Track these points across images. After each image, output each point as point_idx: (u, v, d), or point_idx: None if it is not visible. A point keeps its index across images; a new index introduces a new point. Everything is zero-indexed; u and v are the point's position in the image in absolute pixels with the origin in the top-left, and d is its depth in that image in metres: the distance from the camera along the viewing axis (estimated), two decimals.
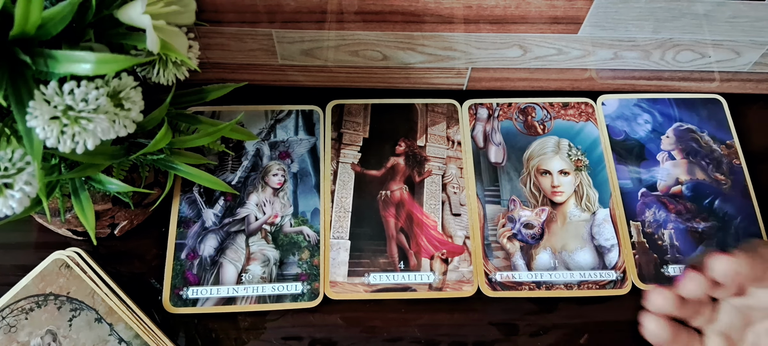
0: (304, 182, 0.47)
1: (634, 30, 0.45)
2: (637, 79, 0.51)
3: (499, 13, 0.43)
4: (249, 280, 0.43)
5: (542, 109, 0.51)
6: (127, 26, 0.30)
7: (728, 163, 0.49)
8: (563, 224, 0.46)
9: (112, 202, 0.42)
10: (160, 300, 0.43)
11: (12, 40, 0.26)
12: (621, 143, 0.49)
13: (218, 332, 0.43)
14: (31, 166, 0.29)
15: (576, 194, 0.47)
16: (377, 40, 0.46)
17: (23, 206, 0.28)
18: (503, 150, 0.49)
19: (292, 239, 0.45)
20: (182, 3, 0.33)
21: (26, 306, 0.40)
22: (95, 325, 0.40)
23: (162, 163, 0.38)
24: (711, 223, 0.46)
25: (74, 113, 0.27)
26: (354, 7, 0.42)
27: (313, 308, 0.43)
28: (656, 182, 0.48)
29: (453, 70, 0.49)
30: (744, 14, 0.43)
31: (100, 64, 0.26)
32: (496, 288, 0.44)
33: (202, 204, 0.46)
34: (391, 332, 0.43)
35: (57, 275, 0.41)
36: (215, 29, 0.45)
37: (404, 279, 0.44)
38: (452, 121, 0.50)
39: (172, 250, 0.44)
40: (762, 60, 0.49)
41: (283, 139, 0.49)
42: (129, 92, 0.30)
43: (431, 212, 0.46)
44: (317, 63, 0.49)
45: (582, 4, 0.42)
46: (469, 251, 0.45)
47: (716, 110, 0.51)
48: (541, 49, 0.47)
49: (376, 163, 0.48)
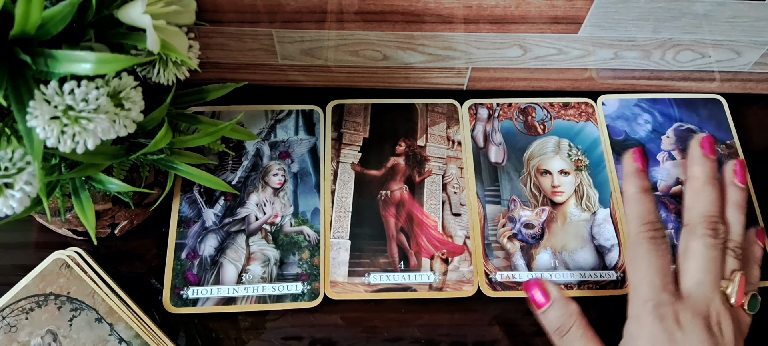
0: (304, 182, 0.47)
1: (634, 30, 0.45)
2: (637, 79, 0.51)
3: (499, 13, 0.43)
4: (249, 280, 0.43)
5: (542, 109, 0.51)
6: (127, 26, 0.30)
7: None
8: (563, 224, 0.46)
9: (112, 202, 0.42)
10: (160, 300, 0.43)
11: (12, 40, 0.26)
12: (621, 143, 0.49)
13: (218, 332, 0.43)
14: (31, 166, 0.29)
15: (576, 194, 0.47)
16: (377, 40, 0.46)
17: (23, 205, 0.28)
18: (503, 150, 0.49)
19: (292, 239, 0.45)
20: (182, 3, 0.33)
21: (26, 306, 0.40)
22: (95, 325, 0.40)
23: (162, 163, 0.38)
24: None
25: (74, 113, 0.27)
26: (354, 7, 0.42)
27: (313, 308, 0.43)
28: (656, 182, 0.48)
29: (453, 70, 0.49)
30: (744, 14, 0.43)
31: (101, 64, 0.26)
32: (496, 288, 0.44)
33: (202, 204, 0.46)
34: (391, 332, 0.43)
35: (57, 275, 0.41)
36: (215, 29, 0.45)
37: (404, 279, 0.44)
38: (452, 121, 0.50)
39: (172, 250, 0.44)
40: (762, 60, 0.49)
41: (283, 139, 0.49)
42: (129, 92, 0.30)
43: (431, 212, 0.46)
44: (317, 63, 0.49)
45: (582, 4, 0.42)
46: (470, 251, 0.45)
47: (716, 110, 0.51)
48: (541, 49, 0.47)
49: (376, 163, 0.48)
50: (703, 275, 0.36)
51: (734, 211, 0.39)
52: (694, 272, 0.37)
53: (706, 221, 0.38)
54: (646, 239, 0.37)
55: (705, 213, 0.38)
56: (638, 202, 0.38)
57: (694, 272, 0.37)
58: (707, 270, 0.36)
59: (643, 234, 0.37)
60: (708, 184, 0.39)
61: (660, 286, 0.36)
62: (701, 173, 0.39)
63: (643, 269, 0.36)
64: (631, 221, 0.38)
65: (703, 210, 0.38)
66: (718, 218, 0.38)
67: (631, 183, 0.39)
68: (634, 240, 0.38)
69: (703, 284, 0.36)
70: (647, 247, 0.37)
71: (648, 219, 0.38)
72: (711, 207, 0.38)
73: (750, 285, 0.39)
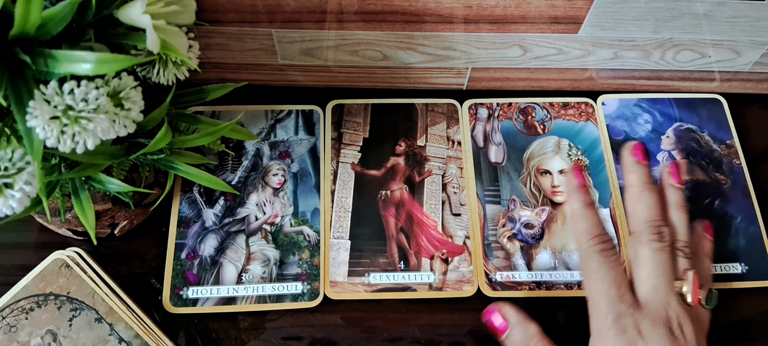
0: (304, 182, 0.47)
1: (634, 30, 0.45)
2: (637, 79, 0.51)
3: (499, 13, 0.43)
4: (249, 280, 0.43)
5: (542, 109, 0.51)
6: (127, 26, 0.30)
7: (728, 163, 0.49)
8: (563, 224, 0.46)
9: (112, 202, 0.42)
10: (160, 300, 0.43)
11: (12, 40, 0.26)
12: (621, 143, 0.49)
13: (218, 331, 0.43)
14: (31, 166, 0.29)
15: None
16: (377, 40, 0.46)
17: (23, 205, 0.28)
18: (503, 150, 0.49)
19: (292, 238, 0.45)
20: (182, 3, 0.33)
21: (26, 306, 0.40)
22: (95, 325, 0.40)
23: (162, 163, 0.38)
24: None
25: (74, 113, 0.27)
26: (354, 7, 0.42)
27: (313, 308, 0.43)
28: (656, 182, 0.48)
29: (453, 70, 0.49)
30: (744, 14, 0.43)
31: (100, 64, 0.26)
32: (496, 288, 0.44)
33: (202, 204, 0.46)
34: (391, 332, 0.43)
35: (57, 275, 0.41)
36: (215, 29, 0.45)
37: (404, 279, 0.44)
38: (452, 121, 0.50)
39: (172, 250, 0.44)
40: (762, 60, 0.49)
41: (283, 139, 0.49)
42: (129, 92, 0.30)
43: (431, 211, 0.46)
44: (317, 63, 0.49)
45: (582, 4, 0.42)
46: (469, 251, 0.45)
47: (716, 110, 0.51)
48: (541, 49, 0.47)
49: (376, 163, 0.48)
50: (657, 280, 0.36)
51: (676, 211, 0.40)
52: (647, 278, 0.37)
53: (650, 226, 0.38)
54: (597, 252, 0.37)
55: (647, 219, 0.38)
56: (583, 217, 0.39)
57: (647, 278, 0.37)
58: (659, 274, 0.37)
59: (593, 248, 0.37)
60: (645, 189, 0.40)
61: (617, 297, 0.36)
62: (637, 180, 0.40)
63: (598, 282, 0.37)
64: (579, 237, 0.39)
65: (645, 216, 0.39)
66: (661, 221, 0.38)
67: (575, 199, 0.40)
68: (584, 255, 0.38)
69: (658, 289, 0.36)
70: (598, 260, 0.37)
71: (595, 233, 0.38)
72: (652, 212, 0.39)
73: (704, 280, 0.39)
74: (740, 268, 0.45)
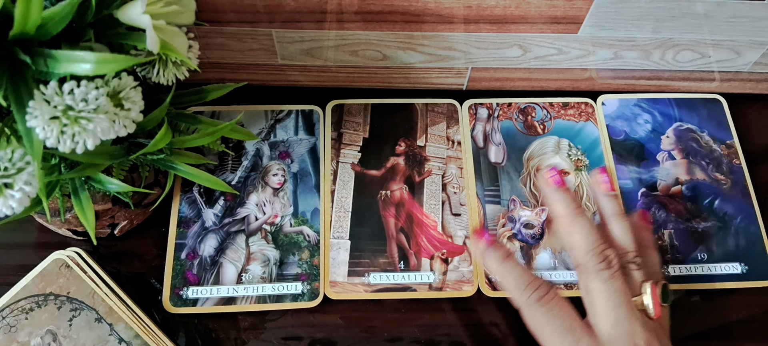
0: (304, 182, 0.47)
1: (634, 30, 0.45)
2: (637, 79, 0.51)
3: (499, 13, 0.43)
4: (249, 280, 0.43)
5: (542, 109, 0.51)
6: (127, 26, 0.30)
7: (728, 163, 0.49)
8: None
9: (112, 202, 0.42)
10: (160, 300, 0.43)
11: (12, 40, 0.26)
12: (621, 143, 0.49)
13: (218, 332, 0.43)
14: (31, 166, 0.29)
15: (576, 193, 0.47)
16: (377, 40, 0.46)
17: (23, 205, 0.28)
18: (503, 150, 0.49)
19: (292, 239, 0.45)
20: (182, 3, 0.33)
21: (26, 306, 0.40)
22: (95, 325, 0.40)
23: (162, 163, 0.38)
24: (711, 223, 0.46)
25: (74, 113, 0.27)
26: (354, 7, 0.42)
27: (313, 308, 0.43)
28: (656, 182, 0.48)
29: (453, 70, 0.49)
30: (744, 14, 0.43)
31: (100, 64, 0.26)
32: (496, 288, 0.44)
33: (202, 204, 0.46)
34: (391, 332, 0.43)
35: (57, 275, 0.41)
36: (215, 29, 0.45)
37: (404, 279, 0.44)
38: (452, 121, 0.50)
39: (172, 250, 0.44)
40: (762, 60, 0.49)
41: (283, 139, 0.49)
42: (129, 92, 0.30)
43: (431, 211, 0.46)
44: (317, 63, 0.49)
45: (582, 4, 0.42)
46: (469, 251, 0.45)
47: (716, 110, 0.51)
48: (541, 49, 0.47)
49: (376, 163, 0.48)
50: (616, 312, 0.34)
51: (615, 222, 0.38)
52: (605, 314, 0.34)
53: (594, 254, 0.36)
54: (535, 303, 0.35)
55: (588, 247, 0.36)
56: (507, 272, 0.37)
57: (605, 313, 0.34)
58: (617, 305, 0.34)
59: (530, 300, 0.35)
60: (576, 216, 0.37)
61: (574, 342, 0.34)
62: (564, 209, 0.38)
63: (549, 334, 0.35)
64: (511, 293, 0.37)
65: (585, 244, 0.36)
66: (603, 244, 0.36)
67: (491, 259, 0.38)
68: (526, 311, 0.36)
69: (619, 321, 0.34)
70: (541, 311, 0.35)
71: (526, 283, 0.36)
72: (591, 238, 0.36)
73: (655, 275, 0.37)
74: (740, 268, 0.45)
